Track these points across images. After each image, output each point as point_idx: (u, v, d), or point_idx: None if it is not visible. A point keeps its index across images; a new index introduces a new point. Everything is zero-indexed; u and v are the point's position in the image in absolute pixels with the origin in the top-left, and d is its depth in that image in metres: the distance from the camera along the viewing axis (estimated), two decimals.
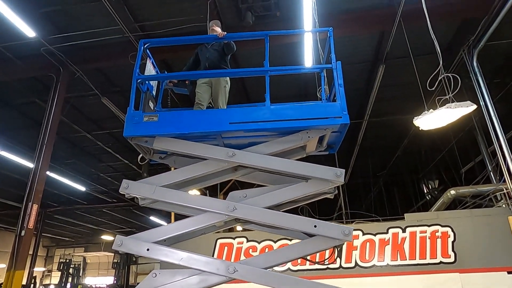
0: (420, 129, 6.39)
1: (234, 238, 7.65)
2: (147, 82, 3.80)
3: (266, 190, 3.39)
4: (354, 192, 17.91)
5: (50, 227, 23.99)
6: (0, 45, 7.70)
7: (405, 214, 7.43)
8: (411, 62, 7.88)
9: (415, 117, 6.22)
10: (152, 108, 3.84)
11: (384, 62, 8.72)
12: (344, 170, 3.19)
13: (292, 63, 8.80)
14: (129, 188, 3.30)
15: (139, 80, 3.61)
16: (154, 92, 4.02)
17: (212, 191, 12.25)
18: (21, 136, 12.02)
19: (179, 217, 3.56)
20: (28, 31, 7.11)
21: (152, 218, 22.60)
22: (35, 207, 7.63)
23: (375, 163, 16.09)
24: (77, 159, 14.61)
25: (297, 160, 3.49)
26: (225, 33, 4.10)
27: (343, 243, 3.09)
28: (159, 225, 15.83)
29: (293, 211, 3.47)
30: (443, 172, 14.44)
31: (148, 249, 3.08)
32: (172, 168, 3.85)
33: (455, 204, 10.37)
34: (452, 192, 8.73)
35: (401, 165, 16.03)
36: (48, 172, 9.17)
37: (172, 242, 3.39)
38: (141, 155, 3.69)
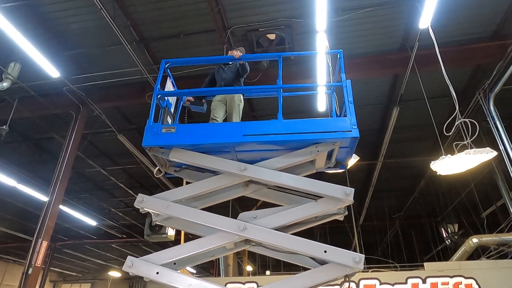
0: (437, 173, 6.20)
1: (244, 283, 7.33)
2: (166, 99, 4.03)
3: (276, 210, 3.39)
4: (369, 234, 17.25)
5: (58, 261, 23.65)
6: (25, 84, 8.05)
7: (425, 263, 7.03)
8: (425, 104, 7.84)
9: (432, 161, 6.07)
10: (170, 123, 4.04)
11: (398, 104, 8.71)
12: (353, 189, 3.16)
13: (306, 110, 8.95)
14: (144, 202, 3.39)
15: (159, 96, 3.83)
16: (172, 109, 4.25)
17: None
18: (38, 170, 12.24)
19: (189, 239, 3.53)
20: (53, 71, 7.46)
21: None
22: (45, 244, 7.55)
23: (390, 205, 15.59)
24: (90, 194, 14.71)
25: (306, 176, 3.52)
26: (241, 54, 4.44)
27: (355, 272, 3.01)
28: None
29: None
30: (463, 216, 13.83)
31: (157, 272, 3.06)
32: (185, 182, 3.94)
33: (477, 251, 9.80)
34: (475, 240, 8.27)
35: (418, 207, 15.47)
36: (60, 206, 9.19)
37: (182, 265, 3.41)
38: (157, 167, 3.81)
